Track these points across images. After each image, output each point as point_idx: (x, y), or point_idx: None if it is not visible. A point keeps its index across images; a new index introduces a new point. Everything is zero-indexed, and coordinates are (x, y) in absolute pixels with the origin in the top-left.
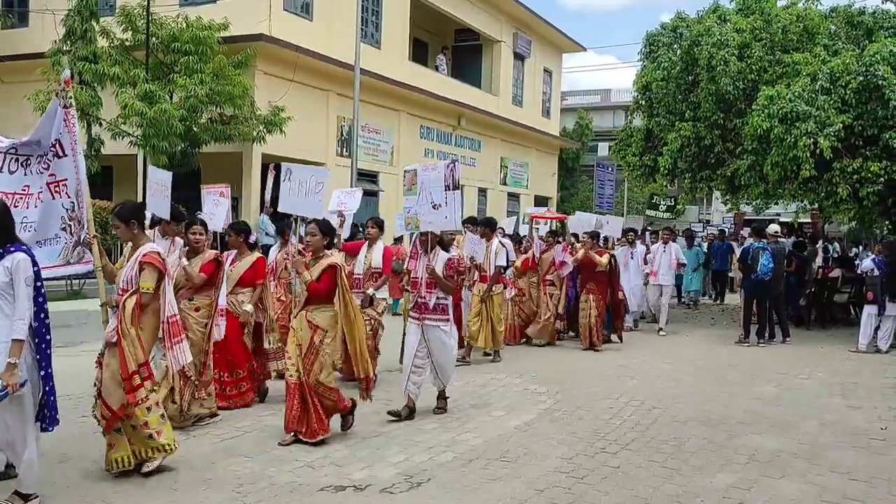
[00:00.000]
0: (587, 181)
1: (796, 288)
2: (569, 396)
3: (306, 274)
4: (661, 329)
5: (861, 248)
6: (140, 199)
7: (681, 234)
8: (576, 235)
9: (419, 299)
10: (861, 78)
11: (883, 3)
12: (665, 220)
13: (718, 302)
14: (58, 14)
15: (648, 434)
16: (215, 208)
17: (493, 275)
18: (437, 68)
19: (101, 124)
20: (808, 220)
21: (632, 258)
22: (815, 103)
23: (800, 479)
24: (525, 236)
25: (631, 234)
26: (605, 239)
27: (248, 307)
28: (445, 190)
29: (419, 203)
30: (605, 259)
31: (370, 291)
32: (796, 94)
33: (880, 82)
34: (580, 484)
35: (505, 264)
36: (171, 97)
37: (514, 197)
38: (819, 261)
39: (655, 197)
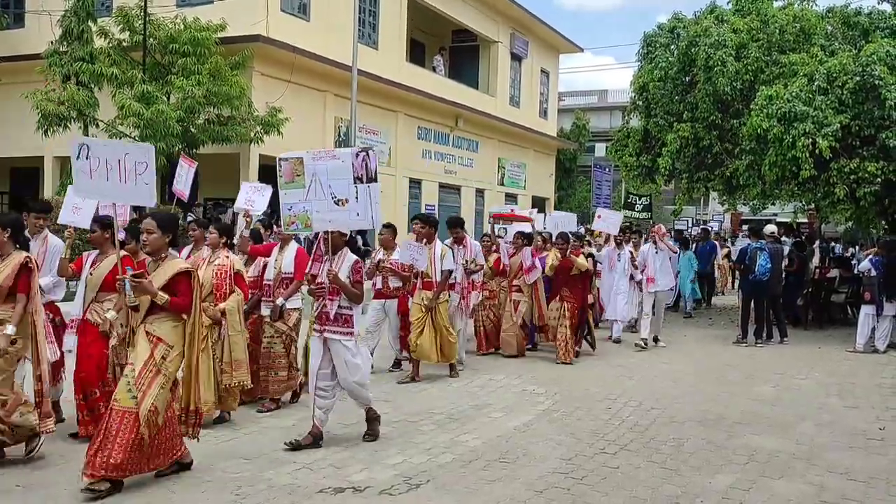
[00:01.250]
0: (585, 182)
1: (795, 288)
2: (567, 397)
3: (145, 285)
4: (657, 339)
5: (857, 248)
6: None
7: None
8: (551, 236)
9: (322, 308)
10: (858, 78)
11: (879, 3)
12: (641, 220)
13: (704, 307)
14: (54, 15)
15: (647, 435)
16: (82, 201)
17: (440, 281)
18: (434, 69)
19: (97, 125)
20: (805, 221)
21: (619, 260)
22: (813, 103)
23: (799, 480)
24: (486, 236)
25: (620, 234)
26: (580, 237)
27: (111, 314)
28: (355, 182)
29: (310, 198)
30: (583, 259)
31: (279, 301)
32: (794, 94)
33: (877, 82)
34: (579, 485)
35: (452, 269)
36: (168, 98)
37: (511, 198)
38: (816, 261)
39: (631, 196)
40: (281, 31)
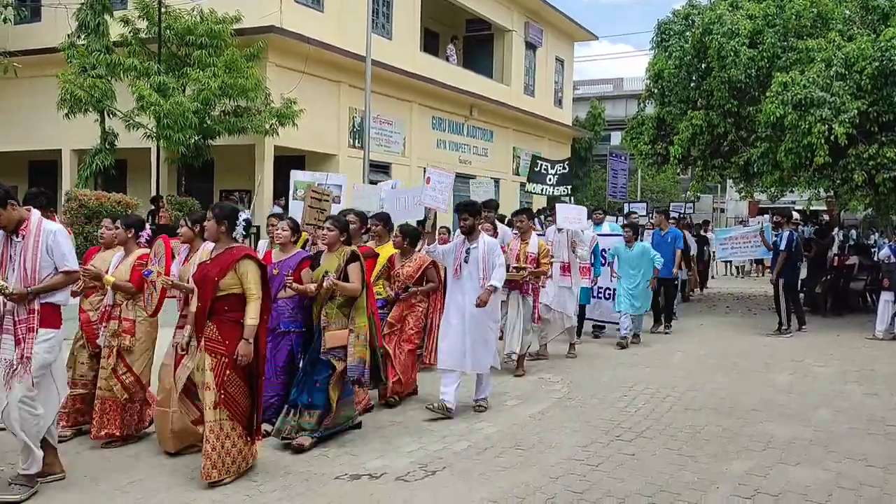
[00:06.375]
0: (600, 171)
1: (814, 275)
2: (582, 385)
3: None
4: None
5: (878, 234)
6: (154, 192)
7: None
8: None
9: None
10: (877, 63)
11: None
12: (555, 197)
13: (663, 329)
14: (70, 8)
15: (663, 422)
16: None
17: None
18: (448, 59)
19: (114, 114)
20: (823, 208)
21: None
22: (830, 89)
23: (816, 466)
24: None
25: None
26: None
27: None
28: None
29: None
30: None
31: None
32: (811, 80)
33: None
34: (595, 471)
35: (73, 268)
36: (183, 90)
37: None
38: (835, 248)
39: (541, 164)
40: (295, 22)
